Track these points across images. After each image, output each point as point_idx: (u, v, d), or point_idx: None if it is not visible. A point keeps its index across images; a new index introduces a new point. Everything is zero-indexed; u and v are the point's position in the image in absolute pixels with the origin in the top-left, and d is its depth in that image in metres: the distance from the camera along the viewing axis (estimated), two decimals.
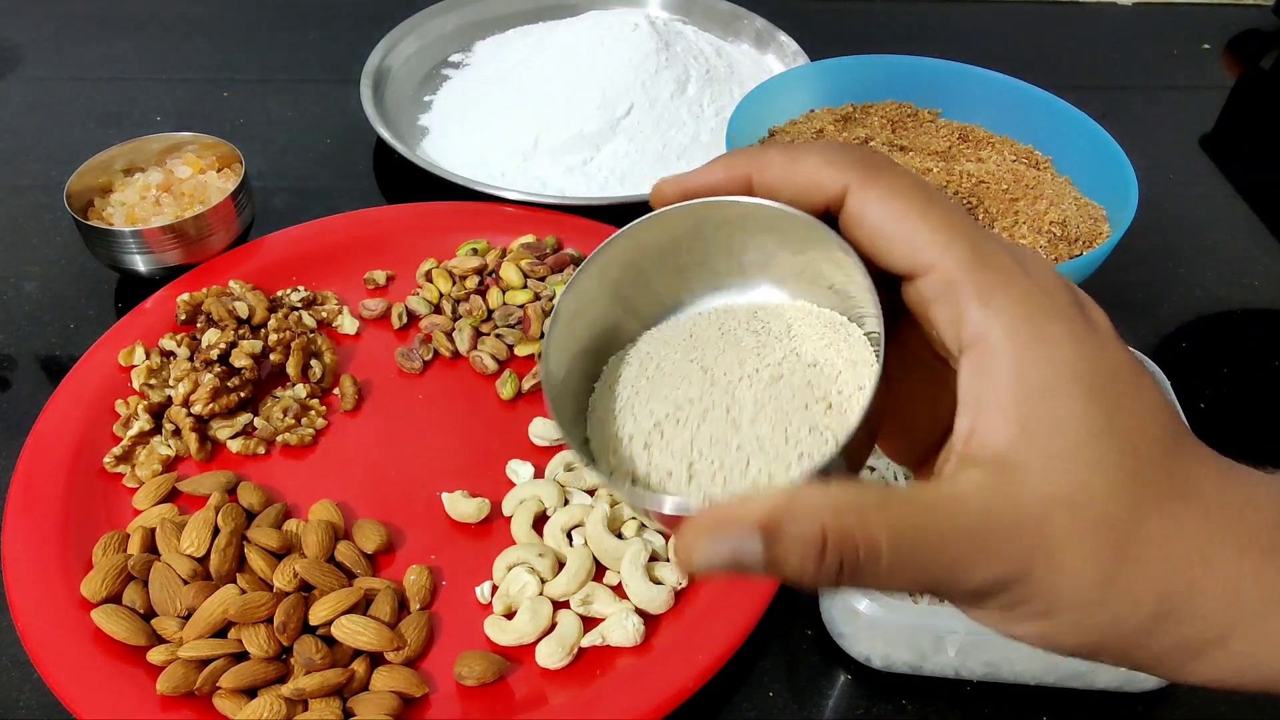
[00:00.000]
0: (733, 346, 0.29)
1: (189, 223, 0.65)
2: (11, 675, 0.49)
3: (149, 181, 0.69)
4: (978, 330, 0.24)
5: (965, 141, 0.71)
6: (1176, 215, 0.79)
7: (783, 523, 0.23)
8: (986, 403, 0.24)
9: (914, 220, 0.25)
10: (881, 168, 0.26)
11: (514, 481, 0.56)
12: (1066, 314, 0.24)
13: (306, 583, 0.49)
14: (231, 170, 0.71)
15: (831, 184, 0.26)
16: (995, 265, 0.24)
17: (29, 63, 0.94)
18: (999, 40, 1.01)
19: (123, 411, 0.58)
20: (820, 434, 0.27)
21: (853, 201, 0.26)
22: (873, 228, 0.25)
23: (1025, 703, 0.48)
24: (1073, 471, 0.23)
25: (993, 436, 0.24)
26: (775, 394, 0.28)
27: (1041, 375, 0.24)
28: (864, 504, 0.23)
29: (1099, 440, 0.24)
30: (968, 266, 0.24)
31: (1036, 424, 0.24)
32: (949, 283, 0.25)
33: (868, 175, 0.26)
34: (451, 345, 0.63)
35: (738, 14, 0.94)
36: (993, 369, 0.24)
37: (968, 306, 0.24)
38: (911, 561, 0.23)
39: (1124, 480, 0.24)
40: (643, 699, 0.45)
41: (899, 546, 0.23)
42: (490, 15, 0.95)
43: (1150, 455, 0.24)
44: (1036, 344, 0.24)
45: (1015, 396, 0.24)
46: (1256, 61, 1.01)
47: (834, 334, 0.29)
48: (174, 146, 0.71)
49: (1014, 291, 0.24)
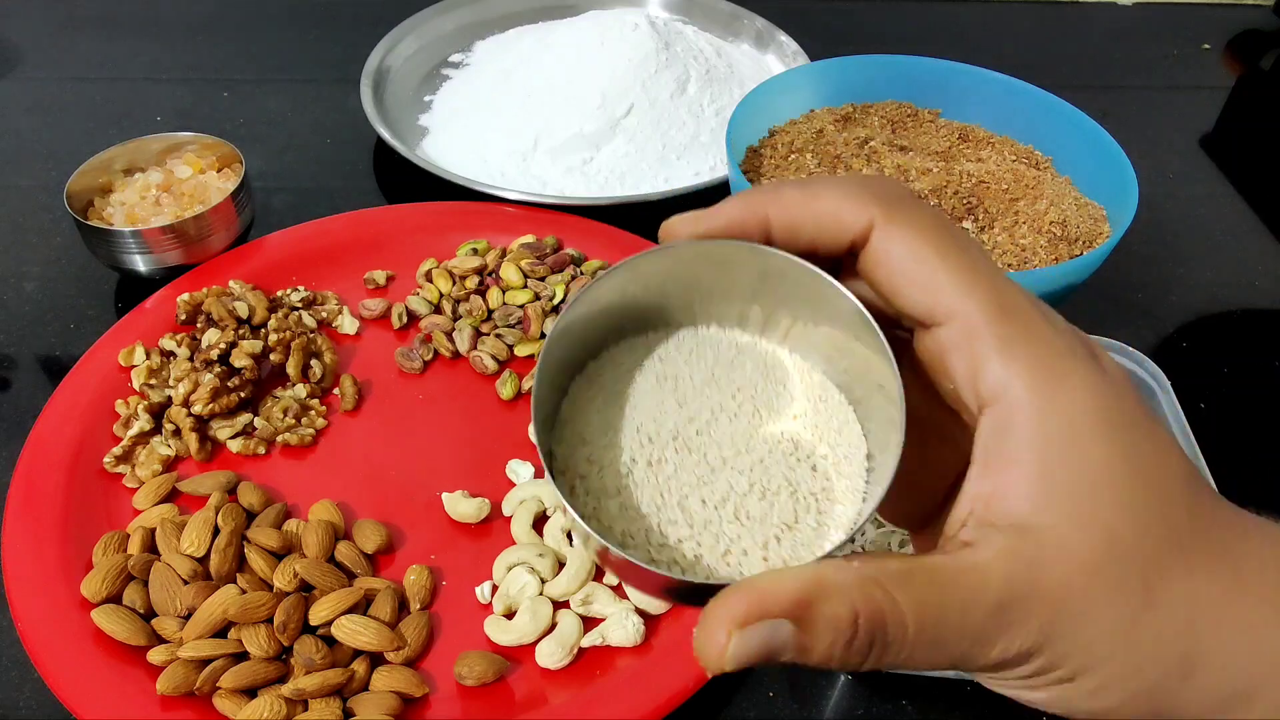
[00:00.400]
0: (720, 389, 0.28)
1: (189, 223, 0.65)
2: (11, 675, 0.49)
3: (149, 181, 0.69)
4: (998, 385, 0.23)
5: (965, 141, 0.71)
6: (1176, 215, 0.79)
7: (814, 604, 0.21)
8: (1007, 462, 0.23)
9: (934, 263, 0.24)
10: (902, 203, 0.25)
11: (514, 481, 0.56)
12: (1085, 364, 0.23)
13: (306, 583, 0.49)
14: (231, 170, 0.71)
15: (853, 221, 0.25)
16: (1016, 314, 0.23)
17: (29, 63, 0.94)
18: (999, 40, 1.01)
19: (123, 411, 0.58)
20: (817, 509, 0.26)
21: (876, 240, 0.24)
22: (893, 269, 0.24)
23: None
24: (1097, 526, 0.22)
25: (1014, 500, 0.23)
26: (766, 464, 0.26)
27: (1062, 425, 0.23)
28: (888, 580, 0.22)
29: (1122, 484, 0.23)
30: (989, 316, 0.23)
31: (1059, 483, 0.23)
32: (969, 332, 0.23)
33: (890, 211, 0.24)
34: (451, 345, 0.63)
35: (738, 14, 0.94)
36: (1014, 427, 0.23)
37: (988, 359, 0.23)
38: (935, 638, 0.22)
39: (1151, 520, 0.23)
40: (643, 699, 0.45)
41: (923, 624, 0.22)
42: (490, 15, 0.95)
43: (1174, 494, 0.24)
44: (1057, 398, 0.23)
45: (1037, 456, 0.23)
46: (1256, 61, 1.01)
47: (833, 409, 0.28)
48: (174, 146, 0.71)
49: (1034, 343, 0.23)
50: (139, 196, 0.68)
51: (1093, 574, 0.22)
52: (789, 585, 0.22)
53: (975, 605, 0.22)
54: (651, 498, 0.26)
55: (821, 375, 0.28)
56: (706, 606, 0.22)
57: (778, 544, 0.25)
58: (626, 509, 0.26)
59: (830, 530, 0.26)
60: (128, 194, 0.69)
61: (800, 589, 0.21)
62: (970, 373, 0.24)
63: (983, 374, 0.23)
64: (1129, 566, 0.23)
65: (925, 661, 0.22)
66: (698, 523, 0.25)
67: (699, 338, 0.29)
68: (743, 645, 0.21)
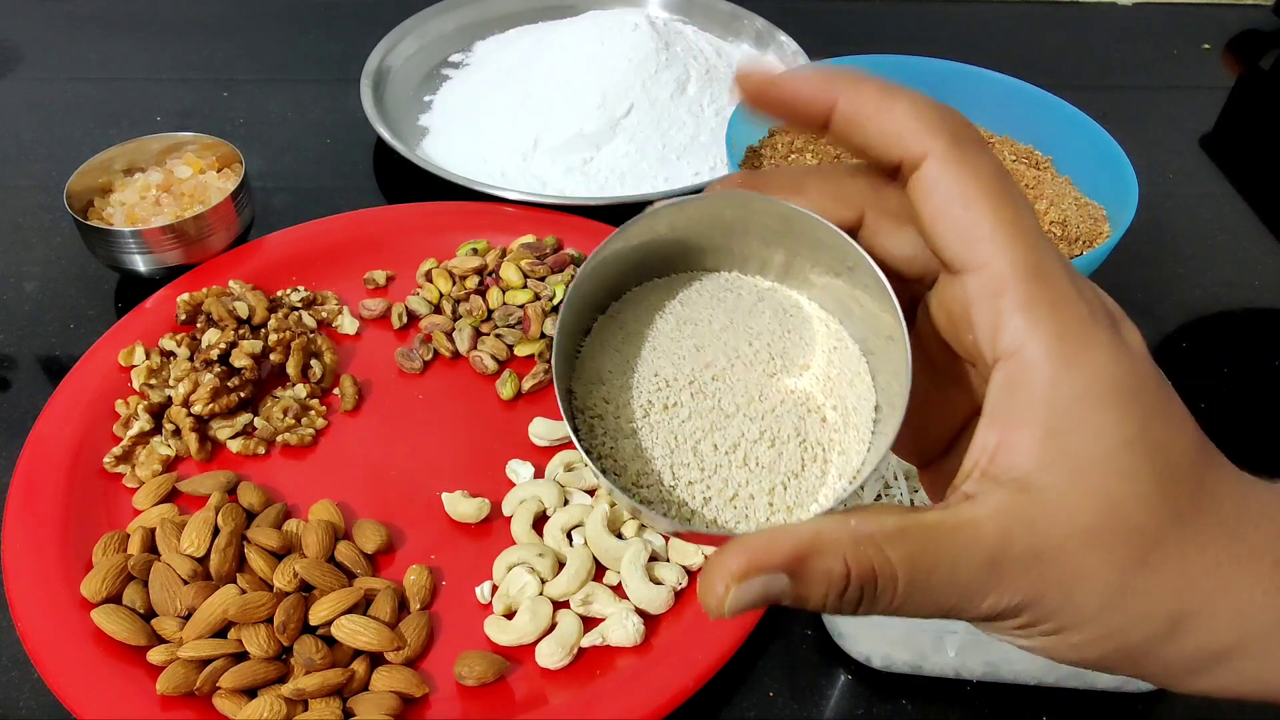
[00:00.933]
0: (738, 335, 0.28)
1: (189, 223, 0.65)
2: (11, 675, 0.49)
3: (149, 181, 0.69)
4: (1017, 341, 0.23)
5: None
6: (1176, 215, 0.79)
7: (809, 559, 0.22)
8: (1016, 420, 0.23)
9: (983, 210, 0.24)
10: (968, 141, 0.24)
11: (514, 481, 0.56)
12: (1106, 333, 0.24)
13: (306, 583, 0.49)
14: (231, 170, 0.71)
15: (915, 144, 0.24)
16: (1047, 276, 0.24)
17: (29, 63, 0.94)
18: (999, 40, 1.01)
19: (123, 411, 0.58)
20: (826, 466, 0.27)
21: (930, 171, 0.24)
22: (940, 206, 0.24)
23: (1025, 703, 0.48)
24: (1100, 492, 0.23)
25: (1019, 456, 0.23)
26: (778, 413, 0.27)
27: (1076, 390, 0.23)
28: (881, 536, 0.23)
29: (1132, 454, 0.23)
30: (1020, 273, 0.23)
31: (1066, 443, 0.23)
32: (997, 286, 0.24)
33: (953, 148, 0.24)
34: (451, 345, 0.63)
35: (738, 14, 0.94)
36: (1026, 385, 0.23)
37: (1011, 315, 0.23)
38: (926, 588, 0.23)
39: (1153, 492, 0.23)
40: (643, 699, 0.45)
41: (914, 576, 0.23)
42: (490, 15, 0.95)
43: (1180, 467, 0.24)
44: (1075, 362, 0.23)
45: (1046, 417, 0.23)
46: (1256, 61, 1.01)
47: (846, 360, 0.28)
48: (174, 146, 0.71)
49: (1059, 306, 0.23)
50: (139, 196, 0.68)
51: (1090, 540, 0.23)
52: (785, 543, 0.23)
53: (966, 561, 0.23)
54: (666, 440, 0.27)
55: (839, 325, 0.29)
56: (708, 560, 0.23)
57: (784, 491, 0.26)
58: (641, 451, 0.27)
59: (833, 480, 0.27)
60: (128, 194, 0.69)
61: (795, 546, 0.22)
62: (992, 326, 0.24)
63: (1003, 329, 0.23)
64: (1127, 535, 0.23)
65: (915, 611, 0.23)
66: (708, 467, 0.26)
67: (721, 282, 0.30)
68: (740, 597, 0.23)
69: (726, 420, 0.27)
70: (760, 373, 0.28)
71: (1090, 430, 0.23)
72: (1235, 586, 0.24)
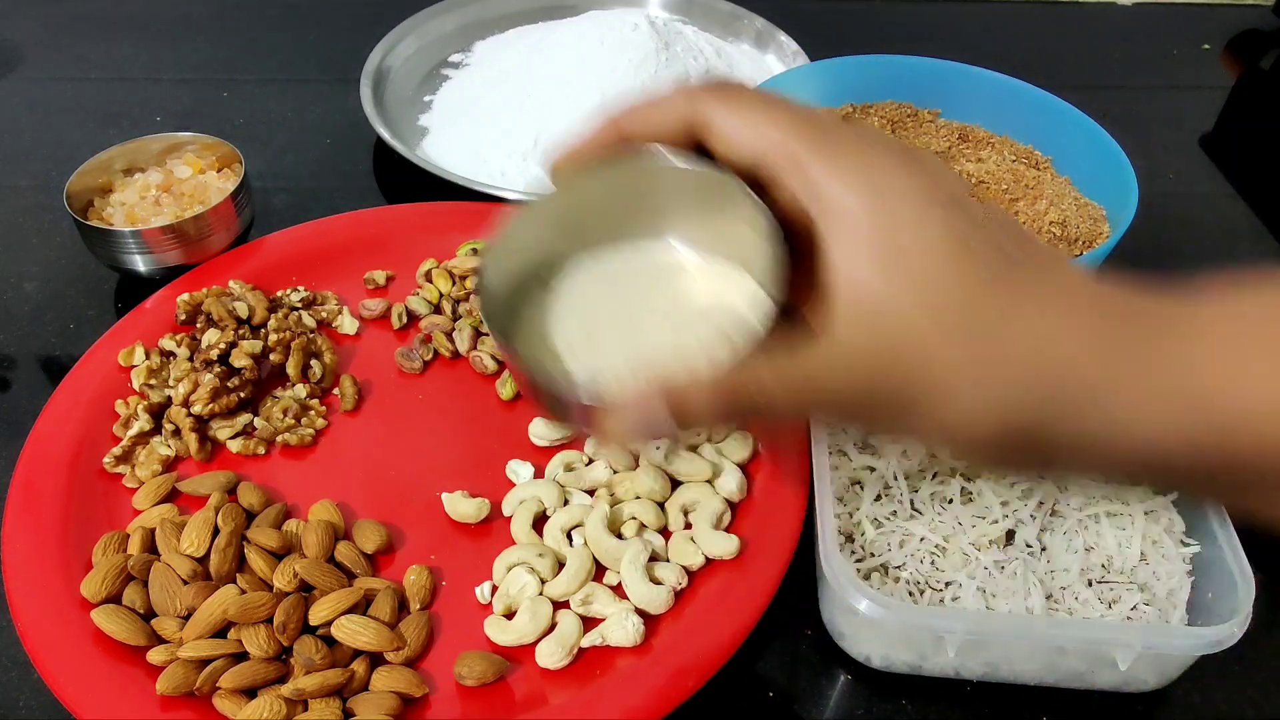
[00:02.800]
0: (643, 282, 0.37)
1: (189, 223, 0.65)
2: (11, 675, 0.49)
3: (149, 182, 0.69)
4: (825, 192, 0.28)
5: (965, 141, 0.71)
6: (1176, 215, 0.79)
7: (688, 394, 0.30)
8: (844, 255, 0.28)
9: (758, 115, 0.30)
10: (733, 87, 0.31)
11: (514, 481, 0.56)
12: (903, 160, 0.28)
13: (306, 583, 0.49)
14: (231, 170, 0.71)
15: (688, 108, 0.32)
16: (835, 137, 0.29)
17: (29, 63, 0.94)
18: (999, 40, 1.01)
19: (123, 412, 0.58)
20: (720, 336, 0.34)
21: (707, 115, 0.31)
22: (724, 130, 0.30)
23: (1025, 703, 0.48)
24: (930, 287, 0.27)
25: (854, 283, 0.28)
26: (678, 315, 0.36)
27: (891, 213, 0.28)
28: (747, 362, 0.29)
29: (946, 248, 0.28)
30: (809, 140, 0.28)
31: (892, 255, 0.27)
32: (793, 157, 0.29)
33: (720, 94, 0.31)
34: (451, 345, 0.63)
35: (738, 14, 0.94)
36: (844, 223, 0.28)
37: (814, 174, 0.28)
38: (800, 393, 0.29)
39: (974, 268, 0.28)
40: (643, 699, 0.45)
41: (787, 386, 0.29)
42: (490, 15, 0.95)
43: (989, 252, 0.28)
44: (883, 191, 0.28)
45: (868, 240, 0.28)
46: (1256, 61, 1.01)
47: (730, 275, 0.37)
48: (174, 147, 0.71)
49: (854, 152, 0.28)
50: (139, 196, 0.68)
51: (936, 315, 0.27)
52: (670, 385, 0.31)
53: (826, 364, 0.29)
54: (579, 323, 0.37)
55: (713, 256, 0.38)
56: None
57: None
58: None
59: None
60: (128, 194, 0.69)
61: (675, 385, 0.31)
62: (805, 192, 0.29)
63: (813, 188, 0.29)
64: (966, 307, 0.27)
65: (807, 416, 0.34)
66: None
67: (604, 263, 0.39)
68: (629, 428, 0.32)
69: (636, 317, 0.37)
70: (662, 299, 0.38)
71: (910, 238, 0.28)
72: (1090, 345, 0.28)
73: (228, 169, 0.72)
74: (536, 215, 0.36)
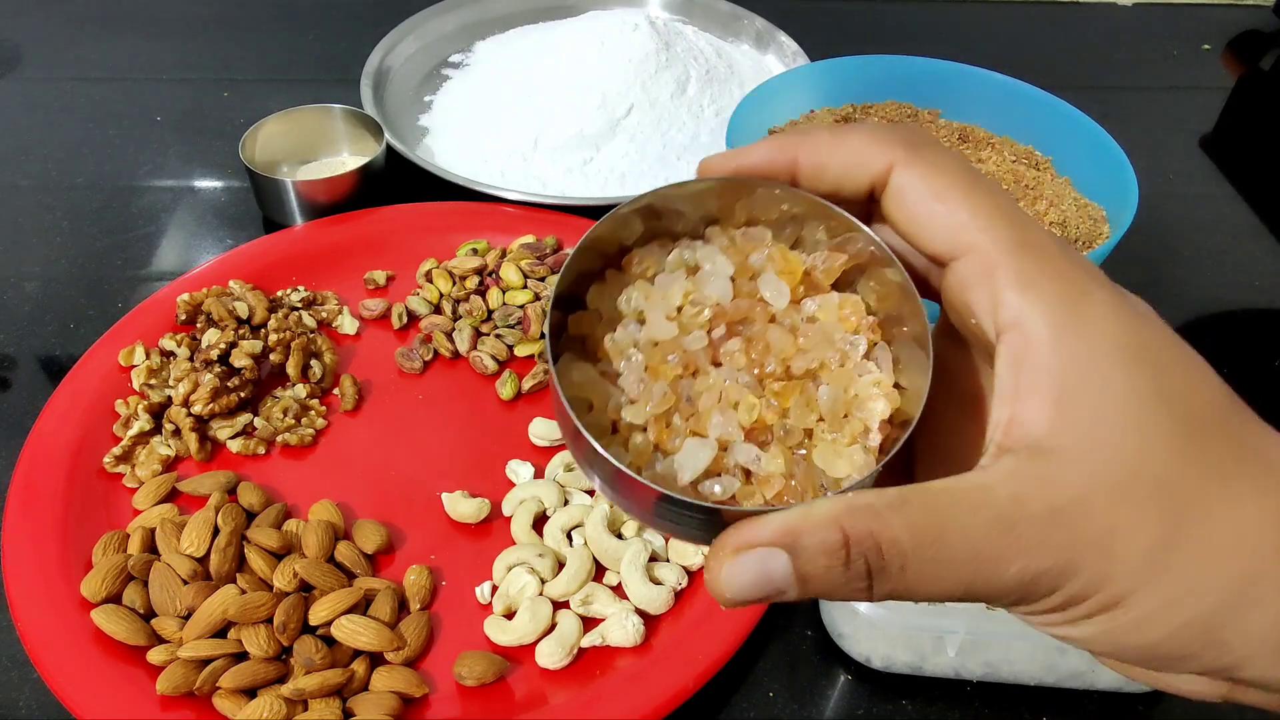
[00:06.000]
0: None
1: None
2: (11, 675, 0.49)
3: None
4: (1015, 315, 0.23)
5: (965, 142, 0.71)
6: (1176, 215, 0.79)
7: (802, 533, 0.22)
8: (1024, 389, 0.23)
9: (956, 199, 0.24)
10: (926, 145, 0.25)
11: (514, 481, 0.56)
12: (1105, 293, 0.23)
13: (306, 583, 0.49)
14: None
15: (876, 161, 0.25)
16: (1036, 248, 0.23)
17: (29, 63, 0.94)
18: (999, 40, 1.01)
19: (123, 411, 0.58)
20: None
21: (896, 178, 0.25)
22: (914, 205, 0.25)
23: (1025, 703, 0.48)
24: (1119, 446, 0.22)
25: (1031, 423, 0.22)
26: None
27: (1081, 351, 0.22)
28: (880, 504, 0.22)
29: (1148, 406, 0.22)
30: (1006, 249, 0.23)
31: (1077, 401, 0.22)
32: (988, 265, 0.23)
33: (912, 153, 0.25)
34: (451, 345, 0.63)
35: (738, 14, 0.94)
36: (1030, 354, 0.23)
37: (1006, 291, 0.23)
38: (937, 557, 0.21)
39: (1177, 443, 0.22)
40: (643, 699, 0.45)
41: (921, 542, 0.21)
42: (490, 15, 0.95)
43: (1206, 418, 0.23)
44: (1076, 323, 0.22)
45: (1053, 381, 0.22)
46: (1256, 61, 1.01)
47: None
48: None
49: (1053, 276, 0.23)
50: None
51: (1115, 495, 0.22)
52: (774, 519, 0.22)
53: (977, 524, 0.22)
54: None
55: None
56: (710, 546, 0.23)
57: None
58: None
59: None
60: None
61: (785, 520, 0.22)
62: (990, 305, 0.23)
63: (1001, 305, 0.23)
64: (1157, 490, 0.22)
65: (935, 584, 0.22)
66: None
67: None
68: (736, 574, 0.22)
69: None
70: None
71: (1101, 390, 0.22)
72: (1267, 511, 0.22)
73: None
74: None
